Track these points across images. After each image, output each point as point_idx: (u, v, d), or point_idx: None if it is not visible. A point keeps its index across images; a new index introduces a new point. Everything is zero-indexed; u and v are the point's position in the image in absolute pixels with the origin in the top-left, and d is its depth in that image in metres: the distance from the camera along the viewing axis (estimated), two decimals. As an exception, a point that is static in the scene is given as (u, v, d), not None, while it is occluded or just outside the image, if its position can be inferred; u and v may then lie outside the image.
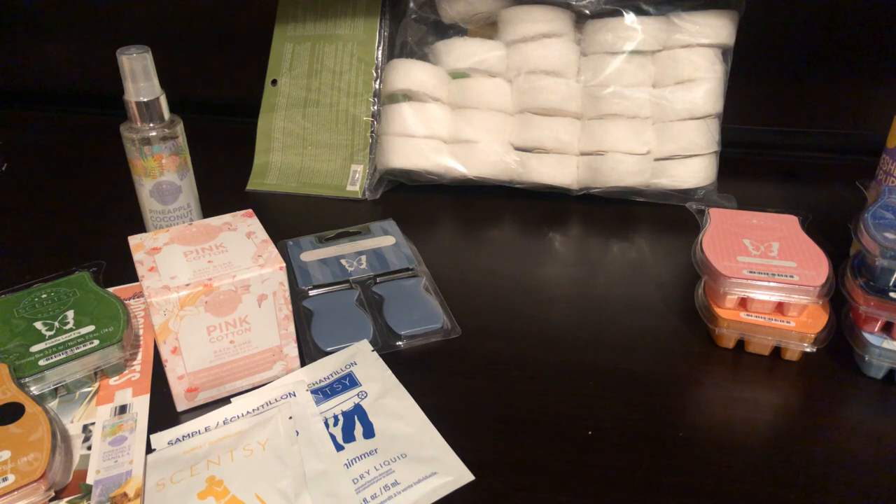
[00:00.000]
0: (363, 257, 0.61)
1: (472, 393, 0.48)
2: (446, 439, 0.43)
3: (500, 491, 0.41)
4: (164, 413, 0.46)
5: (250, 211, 0.51)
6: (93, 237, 0.67)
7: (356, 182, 0.73)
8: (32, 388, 0.45)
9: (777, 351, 0.50)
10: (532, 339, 0.53)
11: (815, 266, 0.50)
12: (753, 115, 0.80)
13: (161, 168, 0.56)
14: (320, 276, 0.59)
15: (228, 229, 0.49)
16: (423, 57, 0.72)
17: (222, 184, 0.74)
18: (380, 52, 0.74)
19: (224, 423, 0.45)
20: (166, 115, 0.56)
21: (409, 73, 0.70)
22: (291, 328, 0.47)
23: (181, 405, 0.46)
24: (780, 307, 0.49)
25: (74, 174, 0.79)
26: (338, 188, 0.74)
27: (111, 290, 0.55)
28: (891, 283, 0.47)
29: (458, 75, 0.70)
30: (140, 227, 0.60)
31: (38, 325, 0.49)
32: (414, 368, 0.50)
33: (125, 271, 0.59)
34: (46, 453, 0.40)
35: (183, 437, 0.44)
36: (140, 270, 0.44)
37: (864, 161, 0.68)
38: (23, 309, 0.51)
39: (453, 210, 0.71)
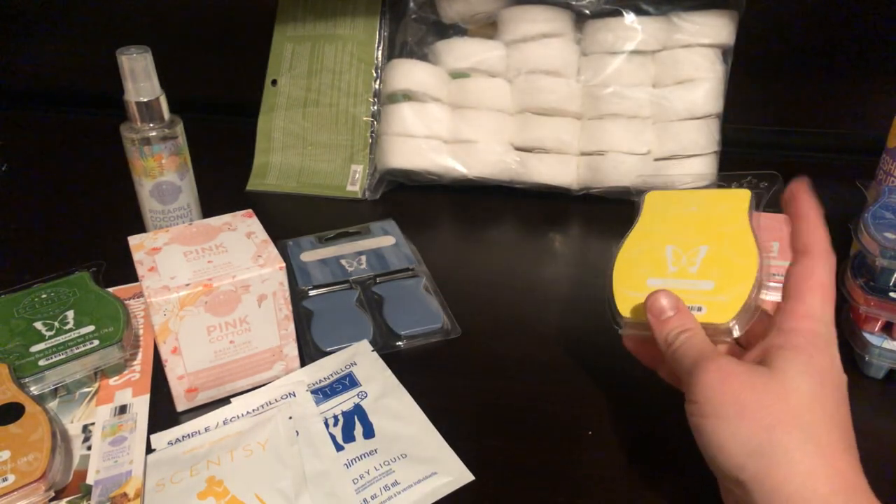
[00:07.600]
0: (363, 257, 0.61)
1: (473, 393, 0.48)
2: (446, 439, 0.43)
3: (500, 491, 0.41)
4: (163, 413, 0.46)
5: (250, 211, 0.51)
6: (93, 237, 0.67)
7: (356, 182, 0.73)
8: (32, 388, 0.45)
9: (777, 351, 0.50)
10: (532, 339, 0.53)
11: (816, 266, 0.50)
12: (753, 114, 0.80)
13: (161, 168, 0.56)
14: (320, 276, 0.59)
15: (228, 229, 0.49)
16: (423, 57, 0.72)
17: (222, 184, 0.74)
18: (380, 52, 0.74)
19: (224, 423, 0.45)
20: (166, 115, 0.56)
21: (409, 73, 0.70)
22: (291, 328, 0.47)
23: (181, 405, 0.46)
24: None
25: (74, 174, 0.79)
26: (338, 188, 0.74)
27: (111, 290, 0.55)
28: (891, 283, 0.47)
29: (457, 75, 0.70)
30: (140, 227, 0.60)
31: (38, 325, 0.49)
32: (414, 368, 0.50)
33: (125, 271, 0.59)
34: (46, 453, 0.40)
35: (183, 437, 0.44)
36: (140, 270, 0.44)
37: (864, 161, 0.68)
38: (23, 309, 0.51)
39: (453, 210, 0.71)
